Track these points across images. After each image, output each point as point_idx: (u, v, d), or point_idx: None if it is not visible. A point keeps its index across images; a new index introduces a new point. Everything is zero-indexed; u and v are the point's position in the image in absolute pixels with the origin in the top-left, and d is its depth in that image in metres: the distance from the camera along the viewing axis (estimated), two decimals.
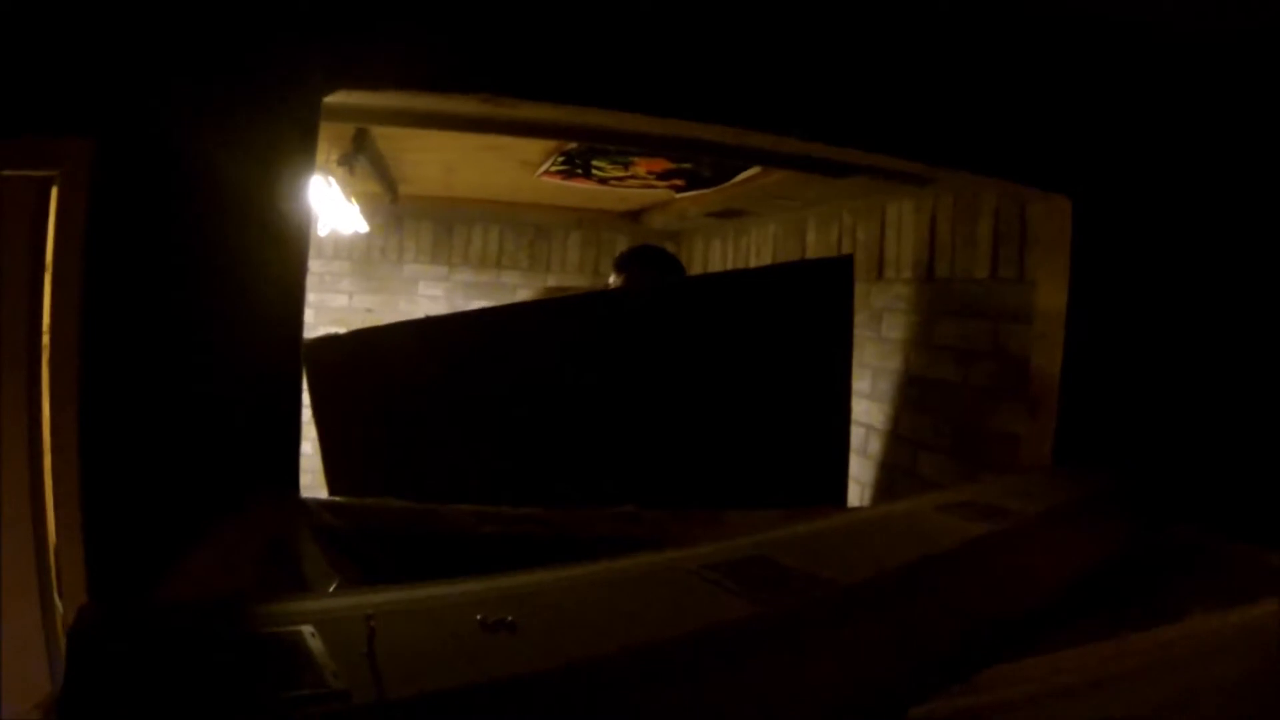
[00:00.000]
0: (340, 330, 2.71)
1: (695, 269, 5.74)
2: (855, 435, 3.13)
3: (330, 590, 1.20)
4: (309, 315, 1.71)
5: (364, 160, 3.45)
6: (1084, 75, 2.09)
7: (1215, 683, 1.06)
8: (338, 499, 1.65)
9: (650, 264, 3.46)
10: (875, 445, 3.38)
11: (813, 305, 2.70)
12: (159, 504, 1.44)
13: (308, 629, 0.85)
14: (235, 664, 0.80)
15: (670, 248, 6.00)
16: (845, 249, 3.75)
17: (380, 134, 3.32)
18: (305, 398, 1.98)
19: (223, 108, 1.49)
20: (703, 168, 3.51)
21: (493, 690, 0.80)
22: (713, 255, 5.46)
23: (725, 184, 3.73)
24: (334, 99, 1.58)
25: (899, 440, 3.25)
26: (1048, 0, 1.81)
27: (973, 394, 2.82)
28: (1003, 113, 2.11)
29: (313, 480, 2.28)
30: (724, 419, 2.56)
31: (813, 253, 4.06)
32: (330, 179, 3.60)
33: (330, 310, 5.65)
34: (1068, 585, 1.50)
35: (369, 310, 5.70)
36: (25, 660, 1.54)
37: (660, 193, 4.32)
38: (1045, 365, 2.30)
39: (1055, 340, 2.25)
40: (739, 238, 4.99)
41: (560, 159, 3.51)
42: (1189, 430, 2.13)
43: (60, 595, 1.53)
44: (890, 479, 3.29)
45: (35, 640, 1.56)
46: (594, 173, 3.82)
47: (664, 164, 3.55)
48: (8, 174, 1.50)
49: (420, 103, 1.87)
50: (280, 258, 1.56)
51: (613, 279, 3.55)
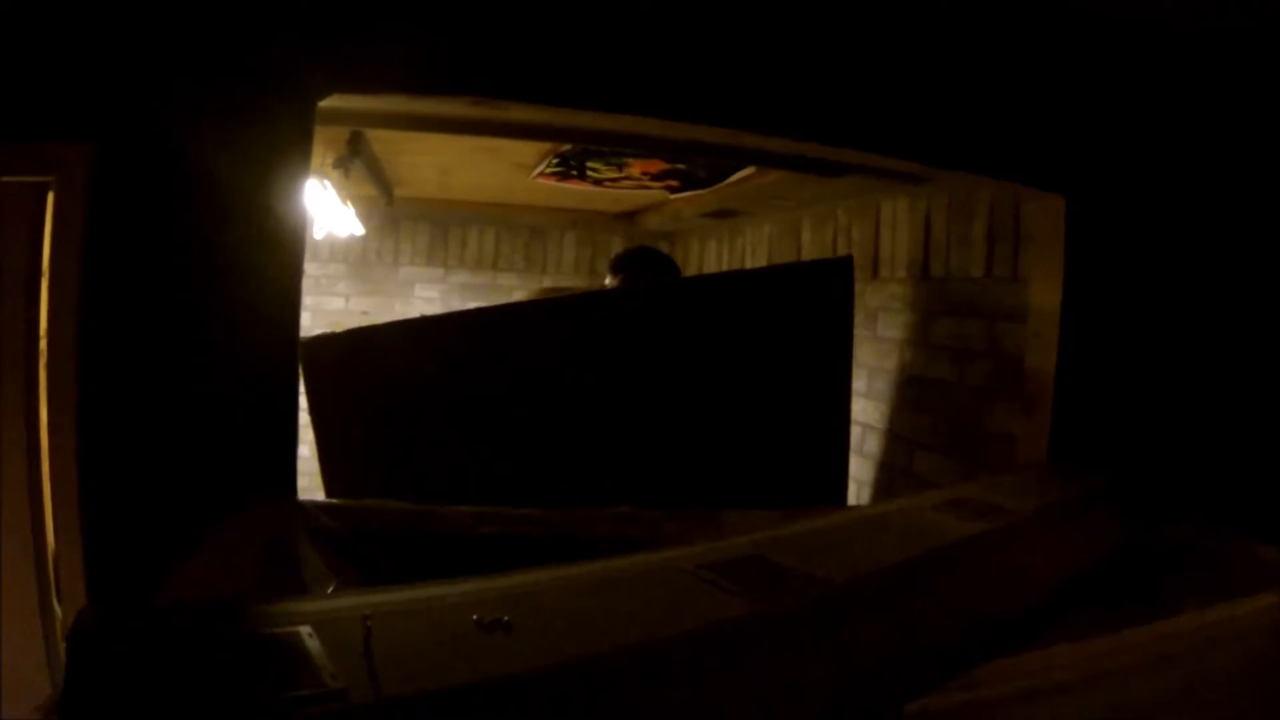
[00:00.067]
0: (336, 330, 2.71)
1: (691, 270, 5.73)
2: (852, 434, 3.14)
3: (328, 592, 1.20)
4: (305, 318, 1.71)
5: (359, 163, 3.45)
6: (1080, 75, 2.10)
7: (1213, 676, 1.07)
8: (335, 501, 1.65)
9: (646, 265, 3.46)
10: (872, 444, 3.38)
11: (813, 306, 2.70)
12: (157, 507, 1.45)
13: (306, 629, 0.86)
14: (234, 664, 0.80)
15: (665, 249, 6.00)
16: (840, 248, 3.75)
17: (375, 137, 3.33)
18: (302, 399, 1.98)
19: (222, 110, 1.49)
20: (697, 168, 3.52)
21: (489, 689, 0.81)
22: (708, 256, 5.46)
23: (720, 184, 3.73)
24: (329, 102, 1.58)
25: (895, 439, 3.25)
26: (1046, 0, 1.82)
27: (968, 393, 2.82)
28: (998, 112, 2.12)
29: (310, 483, 2.28)
30: (725, 419, 2.56)
31: (808, 252, 4.06)
32: (326, 182, 3.60)
33: (327, 313, 5.65)
34: (1063, 582, 1.50)
35: (365, 313, 5.70)
36: (25, 664, 1.54)
37: (655, 193, 4.33)
38: (1040, 364, 2.30)
39: (1050, 339, 2.26)
40: (734, 238, 4.99)
41: (555, 160, 3.52)
42: (1183, 427, 2.13)
43: (59, 599, 1.53)
44: (887, 478, 3.29)
45: (35, 644, 1.56)
46: (589, 174, 3.82)
47: (658, 165, 3.56)
48: (3, 180, 1.50)
49: (415, 106, 1.88)
50: (277, 260, 1.56)
51: (609, 280, 3.55)
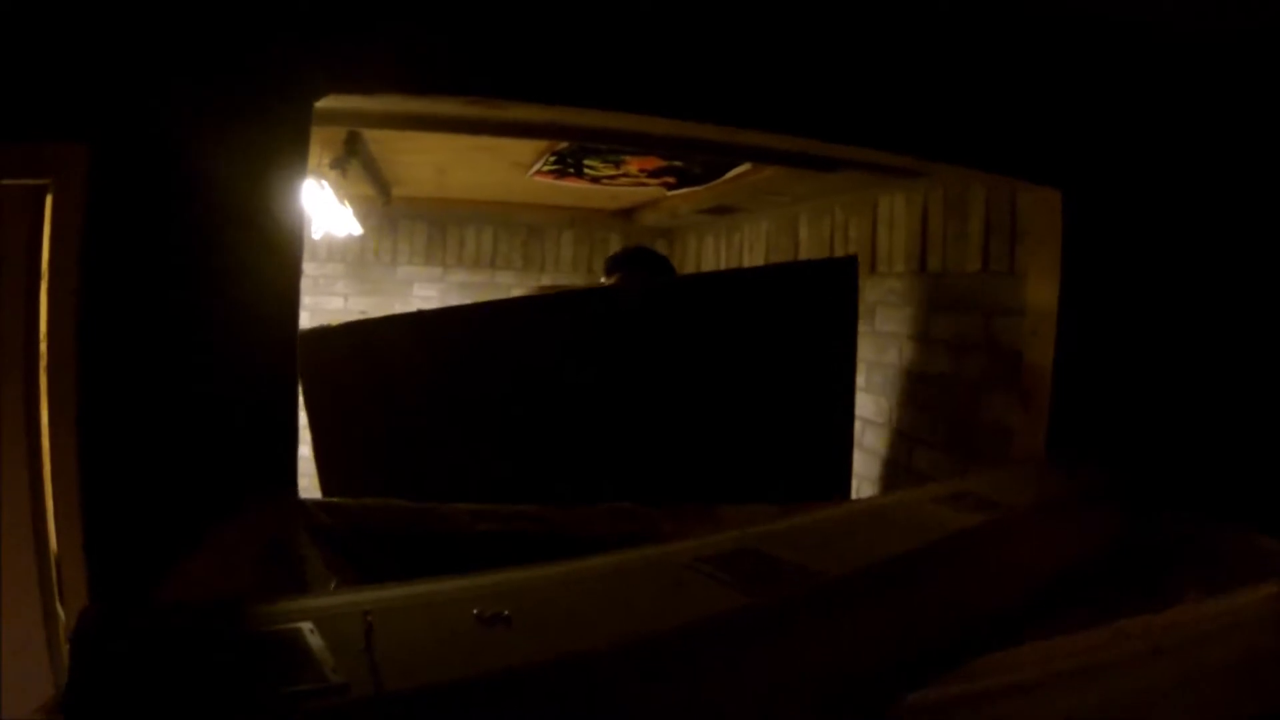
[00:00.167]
0: (331, 325, 2.70)
1: (688, 266, 5.74)
2: None
3: (329, 589, 1.20)
4: (304, 318, 1.71)
5: (356, 163, 3.46)
6: (1077, 72, 2.10)
7: (1211, 667, 1.07)
8: (335, 499, 1.65)
9: (642, 265, 3.46)
10: (870, 438, 3.39)
11: (818, 304, 2.72)
12: (158, 507, 1.45)
13: (307, 626, 0.86)
14: (235, 661, 0.81)
15: (663, 245, 6.02)
16: (837, 244, 3.76)
17: (372, 136, 3.33)
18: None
19: (220, 110, 1.50)
20: (693, 165, 3.52)
21: (489, 683, 0.81)
22: (706, 252, 5.46)
23: (716, 181, 3.74)
24: (326, 102, 1.58)
25: (893, 433, 3.26)
26: (1046, 1, 1.83)
27: (966, 387, 2.83)
28: (994, 107, 2.12)
29: (310, 484, 2.28)
30: (730, 417, 2.57)
31: (805, 248, 4.07)
32: (323, 182, 3.60)
33: (325, 313, 5.65)
34: (1061, 575, 1.51)
35: (363, 312, 5.70)
36: (28, 665, 1.54)
37: (652, 190, 4.33)
38: (1037, 358, 2.31)
39: (1047, 333, 2.26)
40: (731, 234, 5.00)
41: (552, 159, 3.52)
42: (1181, 420, 2.14)
43: (62, 601, 1.53)
44: (885, 471, 3.30)
45: (38, 645, 1.57)
46: (586, 172, 3.83)
47: (655, 162, 3.56)
48: (2, 182, 1.50)
49: (412, 105, 1.88)
50: (275, 260, 1.57)
51: (604, 280, 3.55)
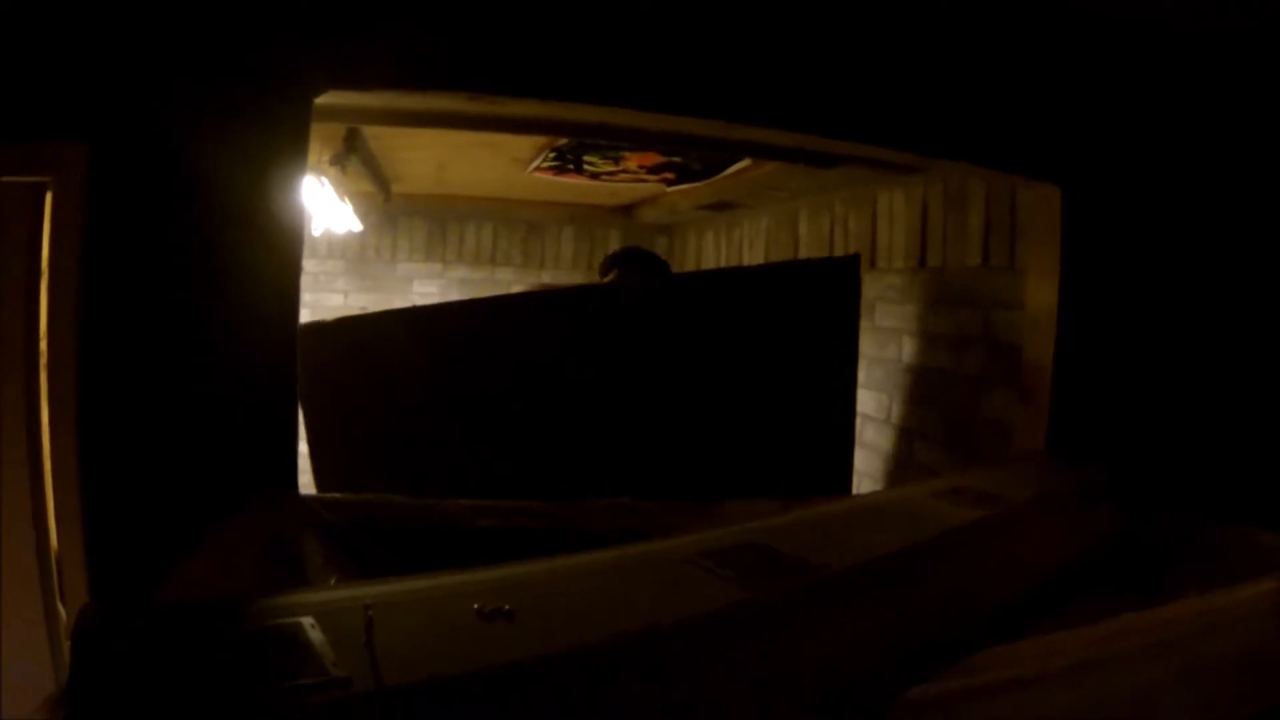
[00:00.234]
0: (326, 319, 2.70)
1: (688, 262, 5.73)
2: None
3: (330, 584, 1.21)
4: (304, 315, 1.71)
5: (356, 159, 3.45)
6: (1077, 70, 2.10)
7: (1212, 661, 1.07)
8: (335, 495, 1.65)
9: (638, 263, 3.48)
10: (870, 433, 3.39)
11: (820, 303, 2.74)
12: (158, 507, 1.45)
13: (308, 621, 0.87)
14: (236, 656, 0.81)
15: (662, 241, 6.02)
16: (837, 239, 3.75)
17: (371, 133, 3.32)
18: None
19: (220, 109, 1.50)
20: (693, 161, 3.52)
21: (490, 677, 0.81)
22: (705, 248, 5.46)
23: (716, 177, 3.74)
24: (325, 99, 1.59)
25: (894, 428, 3.26)
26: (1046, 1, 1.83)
27: (966, 382, 2.83)
28: (995, 104, 2.12)
29: (307, 480, 2.28)
30: (731, 414, 2.58)
31: (805, 244, 4.07)
32: (323, 179, 3.60)
33: (325, 310, 5.64)
34: (1062, 571, 1.51)
35: (364, 309, 5.70)
36: (29, 664, 1.54)
37: (651, 187, 4.33)
38: (1038, 353, 2.31)
39: (1047, 329, 2.26)
40: (731, 230, 4.99)
41: (551, 155, 3.52)
42: (1181, 416, 2.14)
43: (63, 600, 1.53)
44: (885, 467, 3.30)
45: (39, 644, 1.57)
46: (585, 168, 3.83)
47: (655, 158, 3.56)
48: (2, 180, 1.50)
49: (412, 101, 1.88)
50: (274, 258, 1.57)
51: (601, 280, 3.56)
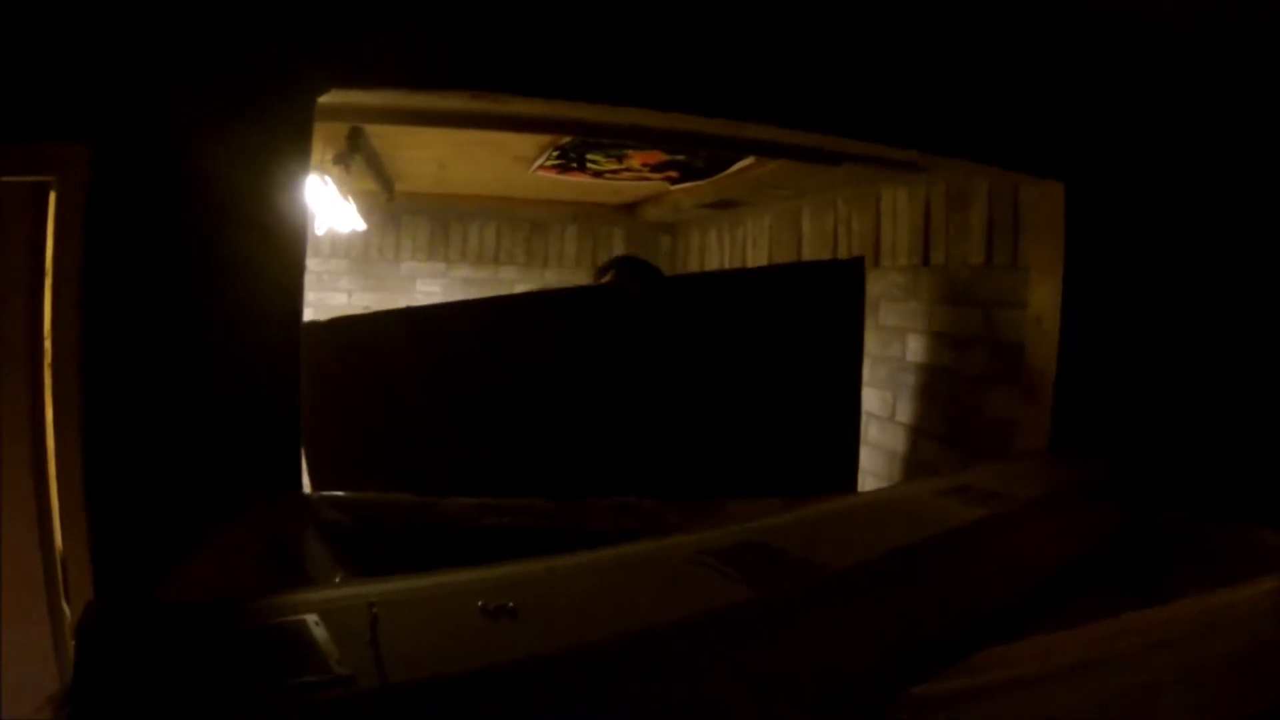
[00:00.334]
0: (321, 319, 2.71)
1: (691, 261, 5.73)
2: None
3: (334, 583, 1.21)
4: (308, 314, 1.71)
5: (359, 158, 3.45)
6: (1077, 68, 2.10)
7: (1214, 660, 1.07)
8: (339, 494, 1.65)
9: (634, 271, 3.52)
10: (874, 431, 3.39)
11: (825, 304, 2.76)
12: (162, 505, 1.45)
13: (312, 618, 0.87)
14: (240, 654, 0.81)
15: (666, 240, 6.02)
16: (841, 238, 3.75)
17: (374, 132, 3.32)
18: None
19: (221, 108, 1.50)
20: (696, 159, 3.52)
21: (493, 675, 0.82)
22: (709, 246, 5.46)
23: (719, 175, 3.74)
24: (327, 98, 1.59)
25: (897, 426, 3.26)
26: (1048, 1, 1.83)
27: (969, 380, 2.83)
28: (998, 103, 2.12)
29: (306, 479, 2.28)
30: (737, 413, 2.59)
31: (808, 242, 4.07)
32: (326, 178, 3.60)
33: (329, 309, 5.62)
34: (1064, 570, 1.51)
35: (367, 308, 5.69)
36: (34, 662, 1.55)
37: (655, 185, 4.33)
38: (1041, 352, 2.30)
39: (1050, 327, 2.26)
40: (734, 229, 4.99)
41: (555, 153, 3.52)
42: (1183, 414, 2.13)
43: (67, 599, 1.54)
44: (890, 464, 3.30)
45: (43, 642, 1.57)
46: (588, 166, 3.82)
47: (658, 156, 3.56)
48: (5, 180, 1.51)
49: (414, 100, 1.88)
50: (278, 257, 1.57)
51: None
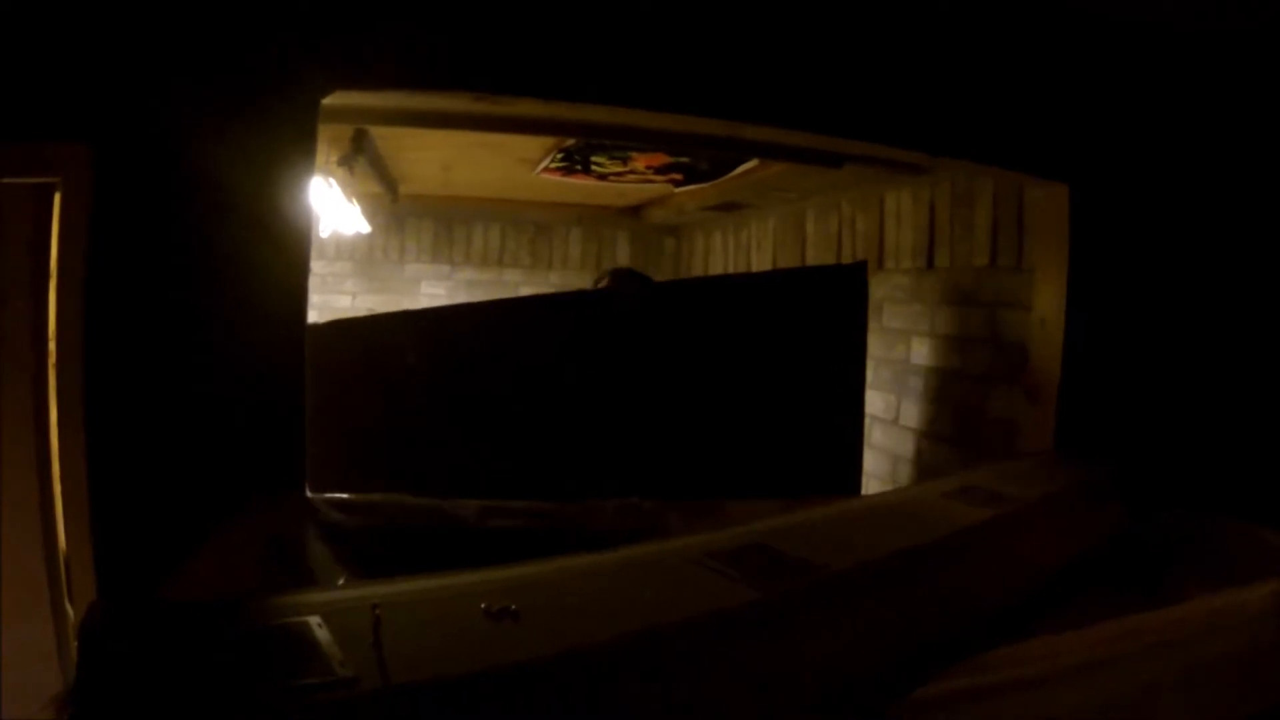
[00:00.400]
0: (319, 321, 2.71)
1: (696, 263, 5.73)
2: None
3: (338, 584, 1.21)
4: (313, 317, 1.71)
5: (363, 161, 3.45)
6: (1080, 69, 2.10)
7: (1216, 661, 1.07)
8: (343, 496, 1.65)
9: (630, 282, 3.56)
10: (878, 434, 3.39)
11: (829, 309, 2.79)
12: (165, 506, 1.45)
13: (315, 620, 0.87)
14: (243, 654, 0.81)
15: (670, 242, 6.03)
16: (845, 240, 3.75)
17: (378, 134, 3.33)
18: None
19: (222, 109, 1.50)
20: (700, 162, 3.52)
21: (496, 677, 0.81)
22: (713, 249, 5.46)
23: (723, 177, 3.73)
24: (331, 100, 1.59)
25: (901, 428, 3.26)
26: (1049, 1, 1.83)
27: (973, 382, 2.83)
28: (1001, 103, 2.12)
29: None
30: (742, 416, 2.60)
31: (812, 244, 4.07)
32: (330, 180, 3.60)
33: (334, 311, 5.63)
34: (1068, 570, 1.51)
35: (371, 310, 5.69)
36: (38, 662, 1.55)
37: (659, 187, 4.33)
38: (1045, 353, 2.30)
39: (1054, 327, 2.26)
40: (739, 231, 4.99)
41: (559, 155, 3.52)
42: (1187, 413, 2.13)
43: (70, 599, 1.54)
44: (894, 466, 3.30)
45: (47, 642, 1.57)
46: (593, 169, 3.82)
47: (662, 158, 3.56)
48: (9, 181, 1.51)
49: (415, 101, 1.88)
50: (282, 259, 1.57)
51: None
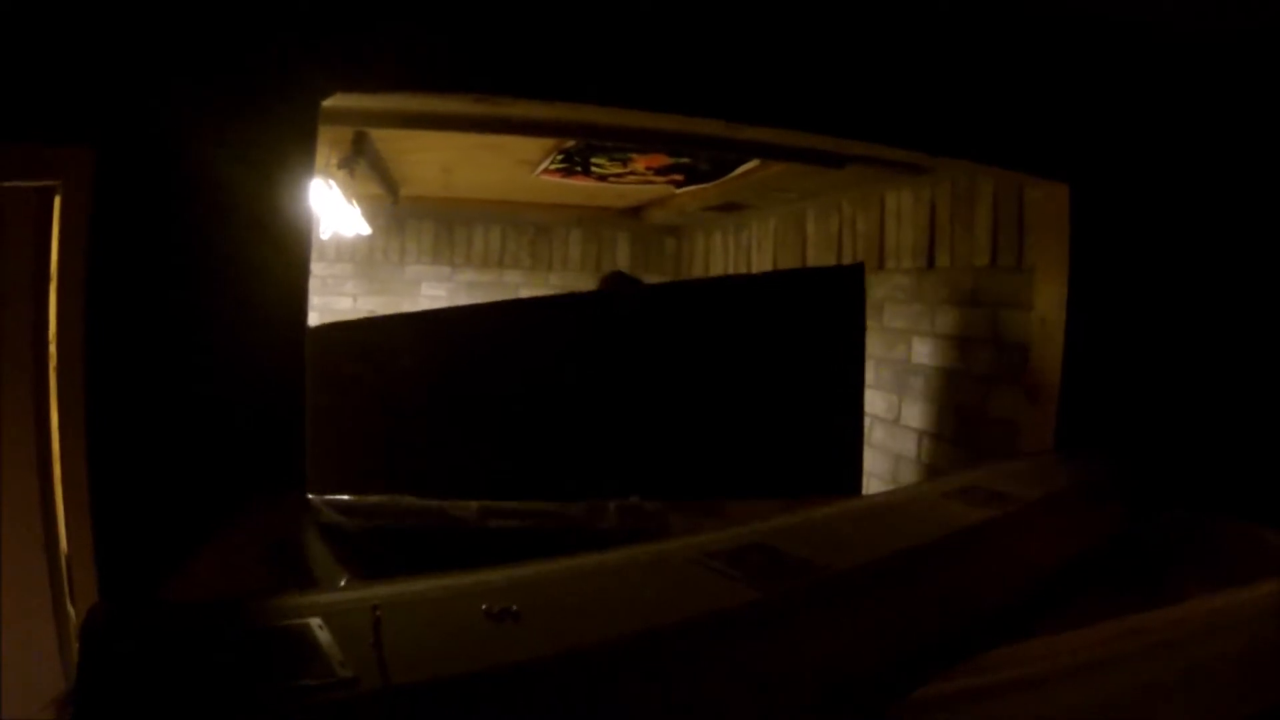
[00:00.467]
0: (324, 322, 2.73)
1: (697, 263, 5.74)
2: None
3: (339, 585, 1.21)
4: (313, 319, 1.71)
5: (364, 163, 3.45)
6: (1080, 68, 2.10)
7: (1216, 661, 1.07)
8: (344, 497, 1.66)
9: (622, 281, 3.60)
10: (879, 433, 3.39)
11: (826, 310, 2.80)
12: (166, 507, 1.46)
13: (315, 621, 0.87)
14: (243, 655, 0.81)
15: (671, 243, 6.04)
16: (845, 240, 3.76)
17: (379, 136, 3.33)
18: None
19: (222, 110, 1.50)
20: (700, 162, 3.52)
21: (496, 677, 0.82)
22: (713, 249, 5.46)
23: (724, 178, 3.73)
24: (332, 102, 1.59)
25: (902, 428, 3.26)
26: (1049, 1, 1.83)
27: (974, 381, 2.83)
28: (1002, 103, 2.12)
29: None
30: (741, 416, 2.61)
31: (813, 244, 4.07)
32: (331, 182, 3.60)
33: (335, 313, 5.63)
34: (1064, 570, 1.51)
35: (372, 312, 5.69)
36: (39, 663, 1.55)
37: (659, 188, 4.33)
38: (1045, 352, 2.30)
39: (1055, 327, 2.26)
40: (739, 231, 4.99)
41: (559, 157, 3.52)
42: (1187, 413, 2.13)
43: (72, 600, 1.54)
44: (895, 466, 3.30)
45: (49, 644, 1.57)
46: (593, 170, 3.82)
47: (662, 159, 3.56)
48: (9, 184, 1.51)
49: (415, 103, 1.89)
50: (282, 261, 1.57)
51: None
